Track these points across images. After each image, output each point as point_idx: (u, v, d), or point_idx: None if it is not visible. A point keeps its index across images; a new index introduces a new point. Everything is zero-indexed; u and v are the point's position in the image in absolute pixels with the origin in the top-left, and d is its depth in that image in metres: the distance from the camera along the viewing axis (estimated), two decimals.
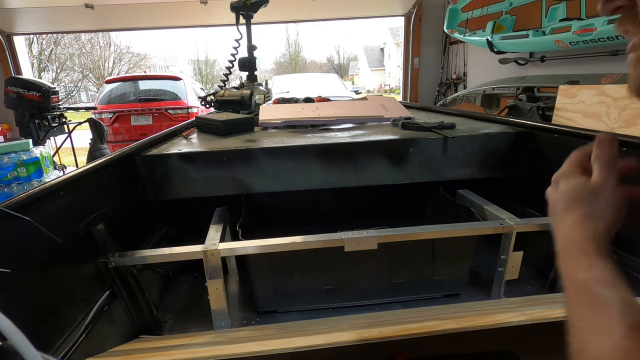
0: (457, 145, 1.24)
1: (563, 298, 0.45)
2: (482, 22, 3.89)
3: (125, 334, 0.98)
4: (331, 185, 1.24)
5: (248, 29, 2.11)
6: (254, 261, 1.07)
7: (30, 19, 5.81)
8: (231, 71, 2.23)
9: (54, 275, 0.79)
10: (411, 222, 1.05)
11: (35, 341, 0.66)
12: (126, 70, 19.12)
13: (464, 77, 5.39)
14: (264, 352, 0.80)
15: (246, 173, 1.19)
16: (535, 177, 1.30)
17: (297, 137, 1.33)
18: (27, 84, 4.21)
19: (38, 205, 0.77)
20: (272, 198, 1.65)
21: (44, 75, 15.76)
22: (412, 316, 0.94)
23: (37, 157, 3.61)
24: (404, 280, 1.14)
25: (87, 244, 0.91)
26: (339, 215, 1.65)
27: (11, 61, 5.98)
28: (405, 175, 1.26)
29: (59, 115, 4.47)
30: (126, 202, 1.14)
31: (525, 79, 3.49)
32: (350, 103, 1.91)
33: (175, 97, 5.86)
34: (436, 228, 1.03)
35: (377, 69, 35.02)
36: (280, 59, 34.87)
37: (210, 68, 29.16)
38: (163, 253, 0.98)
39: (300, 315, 1.14)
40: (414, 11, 5.82)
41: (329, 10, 6.30)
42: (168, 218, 1.42)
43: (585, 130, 1.11)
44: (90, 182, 0.98)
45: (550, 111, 2.66)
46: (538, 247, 1.25)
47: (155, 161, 1.17)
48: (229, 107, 1.98)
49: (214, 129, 1.47)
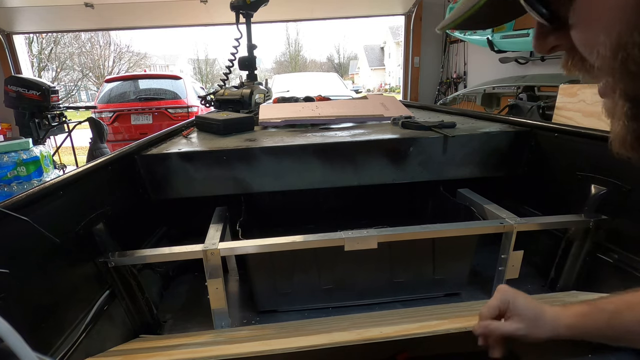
0: (458, 145, 1.24)
1: (564, 297, 0.47)
2: None
3: (125, 333, 0.98)
4: (331, 184, 1.24)
5: (248, 28, 2.10)
6: (254, 261, 1.07)
7: (30, 18, 5.80)
8: (231, 70, 2.23)
9: (53, 275, 0.79)
10: (411, 222, 1.05)
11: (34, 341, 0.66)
12: (126, 69, 19.13)
13: (464, 76, 5.39)
14: (264, 352, 0.80)
15: (246, 172, 1.19)
16: (536, 176, 1.30)
17: (297, 137, 1.33)
18: (27, 83, 4.21)
19: (37, 205, 0.76)
20: (272, 197, 1.65)
21: (44, 74, 15.76)
22: (412, 315, 0.94)
23: (37, 156, 3.61)
24: (404, 279, 1.14)
25: (87, 244, 0.91)
26: (339, 214, 1.65)
27: (11, 60, 5.98)
28: (405, 174, 1.26)
29: (58, 115, 4.47)
30: (126, 201, 1.14)
31: (525, 78, 3.48)
32: (350, 102, 1.91)
33: (175, 97, 5.86)
34: (436, 227, 1.03)
35: (377, 68, 35.00)
36: (280, 58, 34.92)
37: (210, 67, 29.17)
38: (163, 253, 0.98)
39: (301, 314, 1.14)
40: (414, 10, 5.81)
41: (329, 9, 6.30)
42: (168, 217, 1.42)
43: (586, 129, 1.11)
44: (90, 182, 0.98)
45: (550, 110, 2.66)
46: (539, 247, 1.25)
47: (155, 160, 1.17)
48: (229, 106, 1.97)
49: (214, 128, 1.46)
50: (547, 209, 1.24)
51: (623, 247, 0.99)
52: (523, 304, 0.62)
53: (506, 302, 0.63)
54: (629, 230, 0.98)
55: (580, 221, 1.04)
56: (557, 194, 1.23)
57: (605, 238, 1.04)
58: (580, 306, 0.60)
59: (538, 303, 0.63)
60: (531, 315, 0.60)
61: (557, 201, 1.23)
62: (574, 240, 1.08)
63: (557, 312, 0.61)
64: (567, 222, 1.06)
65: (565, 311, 0.61)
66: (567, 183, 1.17)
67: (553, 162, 1.23)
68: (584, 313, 0.58)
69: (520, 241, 1.05)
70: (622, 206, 0.98)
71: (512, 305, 0.62)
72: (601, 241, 1.04)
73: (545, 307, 0.62)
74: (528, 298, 0.63)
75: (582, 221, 1.04)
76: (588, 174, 1.07)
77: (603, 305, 0.57)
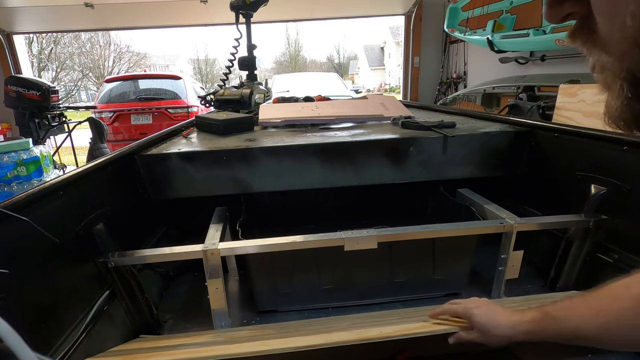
0: (457, 144, 1.24)
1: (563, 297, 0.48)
2: (483, 21, 3.88)
3: (125, 333, 0.98)
4: (331, 184, 1.24)
5: (248, 28, 2.10)
6: (254, 261, 1.07)
7: (30, 18, 5.80)
8: (231, 70, 2.23)
9: (53, 275, 0.79)
10: (411, 221, 1.05)
11: (34, 341, 0.66)
12: (126, 69, 19.12)
13: (464, 76, 5.38)
14: (264, 351, 0.80)
15: (246, 172, 1.19)
16: (536, 176, 1.30)
17: (297, 137, 1.33)
18: (27, 83, 4.21)
19: (37, 205, 0.76)
20: (272, 197, 1.65)
21: (44, 74, 15.76)
22: (412, 315, 0.94)
23: (37, 156, 3.61)
24: (404, 279, 1.14)
25: (87, 244, 0.91)
26: (339, 214, 1.65)
27: (11, 60, 5.98)
28: (405, 174, 1.26)
29: (59, 115, 4.46)
30: (126, 201, 1.14)
31: (525, 78, 3.48)
32: (350, 102, 1.91)
33: (175, 97, 5.86)
34: (436, 227, 1.03)
35: (377, 68, 34.99)
36: (280, 58, 34.91)
37: (210, 67, 29.17)
38: (163, 253, 0.98)
39: (300, 314, 1.14)
40: (414, 10, 5.81)
41: (329, 9, 6.29)
42: (168, 218, 1.42)
43: (586, 129, 1.11)
44: (90, 182, 0.98)
45: (550, 110, 2.66)
46: (539, 247, 1.25)
47: (155, 160, 1.17)
48: (229, 106, 1.97)
49: (214, 128, 1.46)
50: (547, 209, 1.24)
51: (623, 247, 0.99)
52: (479, 319, 0.72)
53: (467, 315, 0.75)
54: (629, 230, 0.98)
55: (580, 221, 1.04)
56: (557, 194, 1.23)
57: (605, 238, 1.04)
58: (532, 313, 0.67)
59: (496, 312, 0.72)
60: (488, 327, 0.70)
61: (557, 201, 1.23)
62: (574, 240, 1.08)
63: (513, 321, 0.69)
64: (567, 222, 1.06)
65: (521, 318, 0.68)
66: (567, 183, 1.17)
67: (553, 162, 1.23)
68: (536, 320, 0.65)
69: (520, 241, 1.05)
70: (622, 206, 0.98)
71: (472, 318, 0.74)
72: (601, 241, 1.04)
73: (501, 318, 0.71)
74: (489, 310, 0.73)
75: (582, 221, 1.04)
76: (588, 174, 1.07)
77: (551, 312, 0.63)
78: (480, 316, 0.73)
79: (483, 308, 0.74)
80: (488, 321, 0.71)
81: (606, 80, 0.31)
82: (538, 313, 0.66)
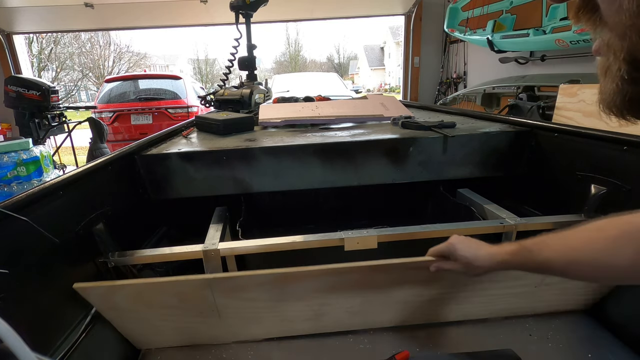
0: (458, 144, 1.24)
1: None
2: (483, 21, 3.88)
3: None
4: (331, 184, 1.24)
5: (248, 28, 2.10)
6: (254, 261, 1.07)
7: (30, 18, 5.80)
8: (231, 70, 2.23)
9: (53, 275, 0.79)
10: (411, 222, 1.05)
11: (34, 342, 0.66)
12: (126, 69, 19.11)
13: (464, 76, 5.38)
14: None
15: (246, 172, 1.19)
16: (536, 176, 1.30)
17: (297, 137, 1.33)
18: (27, 83, 4.20)
19: (37, 205, 0.76)
20: (272, 197, 1.65)
21: (44, 74, 15.75)
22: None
23: (37, 156, 3.61)
24: None
25: (87, 244, 0.91)
26: (339, 214, 1.65)
27: (11, 60, 5.98)
28: (405, 174, 1.26)
29: (58, 115, 4.46)
30: (126, 201, 1.14)
31: (525, 78, 3.48)
32: (350, 102, 1.91)
33: (175, 97, 5.85)
34: (436, 227, 1.03)
35: (377, 68, 34.99)
36: (280, 58, 34.88)
37: (210, 67, 29.15)
38: (163, 253, 0.98)
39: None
40: (414, 10, 5.81)
41: (329, 9, 6.29)
42: (168, 218, 1.42)
43: (586, 129, 1.11)
44: (90, 182, 0.98)
45: (550, 110, 2.66)
46: None
47: (155, 160, 1.17)
48: (229, 106, 1.97)
49: (214, 128, 1.46)
50: (547, 209, 1.24)
51: None
52: (461, 250, 0.78)
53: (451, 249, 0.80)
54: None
55: (580, 221, 1.04)
56: (557, 193, 1.23)
57: None
58: (511, 246, 0.72)
59: (478, 246, 0.77)
60: (469, 259, 0.76)
61: (557, 201, 1.23)
62: None
63: (491, 253, 0.75)
64: (567, 222, 1.06)
65: (500, 250, 0.74)
66: (567, 183, 1.17)
67: (553, 162, 1.23)
68: (513, 252, 0.70)
69: None
70: (622, 206, 0.98)
71: (454, 251, 0.79)
72: None
73: (482, 249, 0.76)
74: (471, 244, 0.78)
75: (582, 221, 1.04)
76: (588, 174, 1.07)
77: (527, 245, 0.69)
78: (462, 250, 0.78)
79: (465, 242, 0.79)
80: (470, 253, 0.76)
81: (608, 61, 0.32)
82: (515, 246, 0.71)
